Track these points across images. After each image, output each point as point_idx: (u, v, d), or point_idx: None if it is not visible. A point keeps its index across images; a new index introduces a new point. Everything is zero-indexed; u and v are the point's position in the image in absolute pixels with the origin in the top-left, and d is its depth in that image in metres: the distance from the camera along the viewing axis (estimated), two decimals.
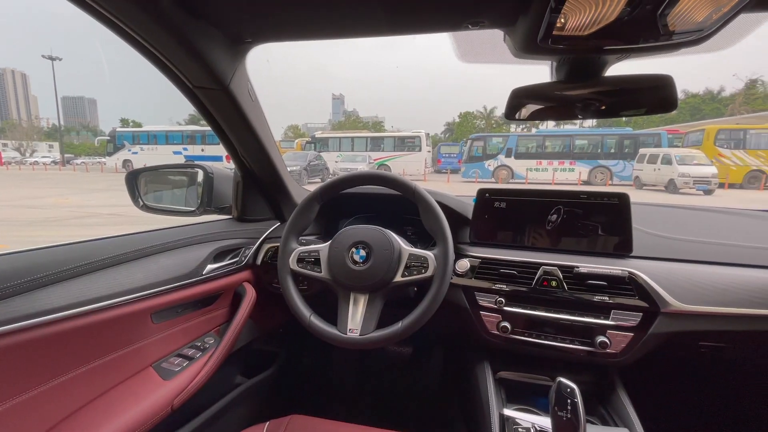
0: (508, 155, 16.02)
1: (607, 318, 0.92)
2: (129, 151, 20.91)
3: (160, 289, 0.88)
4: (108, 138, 22.31)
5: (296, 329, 1.11)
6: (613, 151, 15.24)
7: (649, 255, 0.99)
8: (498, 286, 1.01)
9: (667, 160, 11.99)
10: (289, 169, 1.27)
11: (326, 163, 16.05)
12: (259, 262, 1.20)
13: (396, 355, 1.71)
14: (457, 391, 1.46)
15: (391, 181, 0.97)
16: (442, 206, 0.97)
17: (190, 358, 0.95)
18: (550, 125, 18.52)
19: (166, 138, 20.97)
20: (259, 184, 1.23)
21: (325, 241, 0.98)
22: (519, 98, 0.81)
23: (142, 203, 1.19)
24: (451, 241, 0.89)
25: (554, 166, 15.66)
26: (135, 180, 1.18)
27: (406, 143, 18.94)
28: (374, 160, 18.08)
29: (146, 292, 0.84)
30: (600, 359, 0.94)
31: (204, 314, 1.05)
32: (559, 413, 0.62)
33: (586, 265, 0.95)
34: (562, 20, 0.59)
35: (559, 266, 0.97)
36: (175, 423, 0.98)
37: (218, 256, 1.07)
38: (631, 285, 0.92)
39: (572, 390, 0.63)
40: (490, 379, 1.00)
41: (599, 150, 15.39)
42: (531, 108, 0.83)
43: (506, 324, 0.99)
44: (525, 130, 19.94)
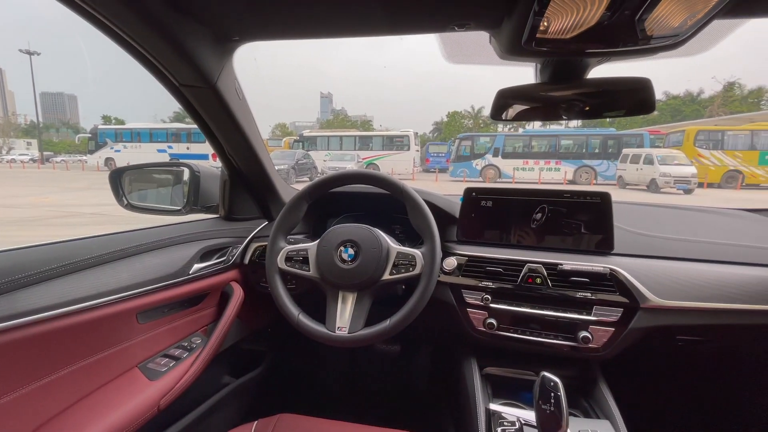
0: (496, 155, 16.19)
1: (589, 314, 0.95)
2: (111, 149, 20.33)
3: (145, 288, 0.86)
4: (89, 135, 21.65)
5: (284, 328, 1.11)
6: (597, 151, 15.56)
7: (630, 252, 1.02)
8: (484, 283, 1.02)
9: (649, 160, 12.32)
10: (276, 167, 1.26)
11: (314, 161, 15.96)
12: (246, 261, 1.19)
13: (384, 353, 1.71)
14: (445, 387, 1.47)
15: (379, 180, 0.98)
16: (430, 205, 0.98)
17: (176, 359, 0.94)
18: (536, 125, 18.79)
19: (150, 136, 20.44)
20: (247, 182, 1.22)
21: (314, 240, 0.98)
22: (505, 99, 0.82)
23: (126, 202, 1.17)
24: (438, 240, 0.90)
25: (540, 165, 15.90)
26: (119, 178, 1.16)
27: (394, 142, 18.95)
28: (363, 159, 18.03)
29: (132, 292, 0.83)
30: (582, 354, 0.97)
31: (191, 314, 1.04)
32: (543, 406, 0.64)
33: (569, 262, 0.98)
34: (545, 24, 0.60)
35: (544, 264, 0.99)
36: (163, 423, 0.97)
37: (205, 255, 1.06)
38: (612, 281, 0.94)
39: (555, 384, 0.64)
40: (477, 375, 1.02)
41: (584, 150, 15.70)
42: (517, 108, 0.84)
43: (492, 321, 1.01)
44: (512, 130, 20.14)
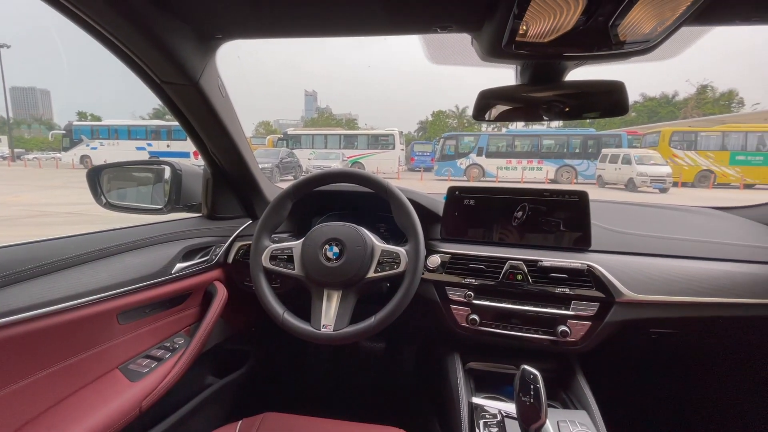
0: (480, 154, 16.40)
1: (567, 308, 0.98)
2: (87, 146, 19.61)
3: (126, 288, 0.85)
4: (64, 132, 20.87)
5: (269, 327, 1.11)
6: (577, 151, 15.93)
7: (606, 249, 1.05)
8: (467, 280, 1.04)
9: (627, 160, 12.70)
10: (260, 166, 1.26)
11: (299, 160, 15.83)
12: (230, 260, 1.18)
13: (369, 351, 1.72)
14: (429, 382, 1.49)
15: (364, 178, 0.99)
16: (414, 204, 0.99)
17: (158, 359, 0.93)
18: (519, 125, 19.09)
19: (129, 133, 19.81)
20: (230, 181, 1.21)
21: (299, 239, 0.98)
22: (486, 99, 0.84)
23: (105, 201, 1.14)
24: (422, 238, 0.92)
25: (523, 165, 16.17)
26: (97, 177, 1.13)
27: (379, 141, 18.95)
28: (348, 157, 18.00)
29: (112, 293, 0.82)
30: (561, 347, 1.00)
31: (173, 314, 1.02)
32: (523, 398, 0.66)
33: (548, 259, 1.01)
34: (524, 27, 0.63)
35: (524, 260, 1.02)
36: (145, 425, 0.96)
37: (188, 254, 1.05)
38: (589, 277, 0.98)
39: (535, 376, 0.66)
40: (460, 370, 1.04)
41: (565, 150, 16.06)
42: (499, 109, 0.87)
43: (475, 316, 1.03)
44: (496, 130, 20.45)
